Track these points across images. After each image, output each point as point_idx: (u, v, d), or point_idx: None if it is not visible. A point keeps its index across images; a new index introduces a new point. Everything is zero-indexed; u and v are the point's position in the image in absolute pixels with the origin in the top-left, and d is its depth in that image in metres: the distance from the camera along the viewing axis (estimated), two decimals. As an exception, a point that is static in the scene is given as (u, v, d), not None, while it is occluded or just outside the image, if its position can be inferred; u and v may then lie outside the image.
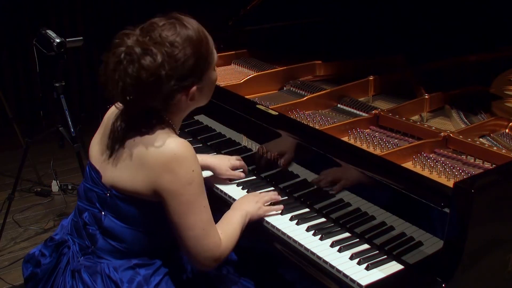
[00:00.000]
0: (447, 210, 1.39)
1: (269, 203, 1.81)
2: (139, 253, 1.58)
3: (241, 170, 2.02)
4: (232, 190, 1.94)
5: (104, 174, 1.56)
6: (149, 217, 1.54)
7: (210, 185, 1.98)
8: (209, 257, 1.53)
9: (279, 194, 1.87)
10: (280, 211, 1.79)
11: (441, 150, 1.80)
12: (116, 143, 1.55)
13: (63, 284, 1.58)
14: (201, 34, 1.51)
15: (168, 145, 1.47)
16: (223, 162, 1.98)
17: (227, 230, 1.62)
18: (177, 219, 1.49)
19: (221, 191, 1.95)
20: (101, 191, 1.57)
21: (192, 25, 1.50)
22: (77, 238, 1.63)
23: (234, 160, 2.01)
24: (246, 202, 1.76)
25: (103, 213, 1.57)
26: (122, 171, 1.52)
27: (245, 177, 2.01)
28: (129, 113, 1.54)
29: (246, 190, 1.94)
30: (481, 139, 1.89)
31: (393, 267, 1.52)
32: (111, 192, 1.54)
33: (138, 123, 1.52)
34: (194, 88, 1.51)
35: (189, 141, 2.30)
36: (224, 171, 1.97)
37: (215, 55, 1.57)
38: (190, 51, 1.46)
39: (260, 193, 1.85)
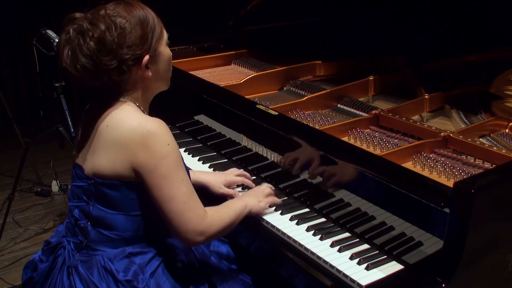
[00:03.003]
0: (447, 210, 1.39)
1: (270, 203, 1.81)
2: (132, 240, 1.60)
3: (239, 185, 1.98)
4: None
5: (86, 167, 1.59)
6: (135, 200, 1.56)
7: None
8: (191, 230, 1.53)
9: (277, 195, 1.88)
10: (279, 212, 1.80)
11: (441, 150, 1.80)
12: (91, 133, 1.59)
13: (61, 283, 1.59)
14: (147, 10, 1.57)
15: (142, 123, 1.51)
16: (217, 180, 1.92)
17: (219, 209, 1.65)
18: (156, 193, 1.51)
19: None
20: (85, 183, 1.59)
21: (138, 4, 1.56)
22: (71, 237, 1.65)
23: (232, 176, 1.94)
24: (249, 195, 1.79)
25: (90, 204, 1.59)
26: (100, 157, 1.55)
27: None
28: (92, 94, 1.58)
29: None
30: (481, 139, 1.89)
31: (393, 267, 1.52)
32: (94, 180, 1.56)
33: (107, 109, 1.56)
34: (147, 57, 1.53)
35: (189, 141, 2.32)
36: (217, 189, 1.91)
37: (165, 32, 1.61)
38: (135, 21, 1.52)
39: (263, 189, 1.83)
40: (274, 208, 1.82)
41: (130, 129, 1.51)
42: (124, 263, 1.58)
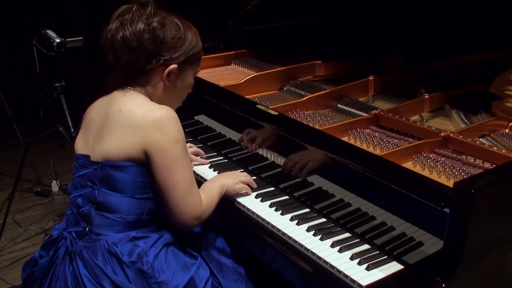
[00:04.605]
0: (447, 210, 1.39)
1: (245, 183, 1.90)
2: (136, 224, 1.64)
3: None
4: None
5: (93, 154, 1.65)
6: (141, 182, 1.62)
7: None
8: (191, 215, 1.63)
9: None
10: (280, 212, 1.80)
11: (441, 150, 1.80)
12: (102, 121, 1.66)
13: (63, 273, 1.61)
14: (198, 38, 1.73)
15: (155, 108, 1.62)
16: None
17: (207, 193, 1.74)
18: (163, 175, 1.59)
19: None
20: (91, 168, 1.64)
21: (194, 29, 1.73)
22: (73, 227, 1.67)
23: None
24: (223, 176, 1.90)
25: (95, 188, 1.63)
26: (111, 139, 1.61)
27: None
28: (120, 69, 1.67)
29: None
30: (481, 139, 1.89)
31: (394, 267, 1.52)
32: (101, 164, 1.62)
33: (121, 97, 1.66)
34: (175, 65, 1.67)
35: (189, 141, 2.32)
36: None
37: (199, 68, 1.79)
38: (184, 35, 1.68)
39: (241, 174, 1.93)
40: (274, 208, 1.82)
41: (143, 113, 1.60)
42: (128, 246, 1.61)
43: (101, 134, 1.65)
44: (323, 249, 1.61)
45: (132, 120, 1.60)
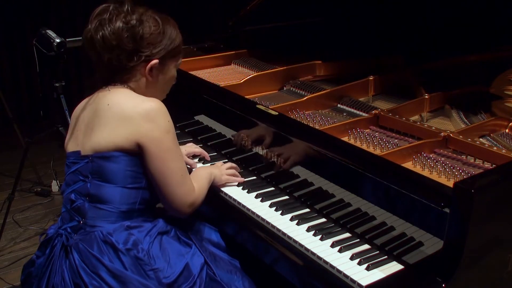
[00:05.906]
0: (447, 210, 1.39)
1: (230, 174, 1.96)
2: (129, 214, 1.66)
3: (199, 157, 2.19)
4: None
5: (83, 148, 1.68)
6: (132, 172, 1.65)
7: None
8: (186, 202, 1.68)
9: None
10: (280, 212, 1.80)
11: (441, 150, 1.80)
12: (90, 117, 1.69)
13: (60, 267, 1.62)
14: (178, 31, 1.75)
15: (143, 100, 1.65)
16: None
17: (198, 181, 1.79)
18: (158, 165, 1.63)
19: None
20: (83, 163, 1.67)
21: (173, 24, 1.75)
22: (68, 223, 1.70)
23: (192, 148, 2.16)
24: (214, 167, 1.96)
25: (87, 180, 1.66)
26: (102, 132, 1.64)
27: (244, 177, 2.01)
28: (103, 68, 1.70)
29: (246, 190, 1.94)
30: (481, 139, 1.89)
31: (394, 267, 1.52)
32: (92, 157, 1.64)
33: (107, 93, 1.69)
34: (156, 61, 1.69)
35: (189, 141, 2.32)
36: None
37: (181, 58, 1.81)
38: (164, 31, 1.70)
39: (226, 166, 1.99)
40: (274, 208, 1.82)
41: (133, 105, 1.63)
42: (123, 235, 1.63)
43: (90, 129, 1.67)
44: (323, 249, 1.60)
45: (122, 113, 1.62)
